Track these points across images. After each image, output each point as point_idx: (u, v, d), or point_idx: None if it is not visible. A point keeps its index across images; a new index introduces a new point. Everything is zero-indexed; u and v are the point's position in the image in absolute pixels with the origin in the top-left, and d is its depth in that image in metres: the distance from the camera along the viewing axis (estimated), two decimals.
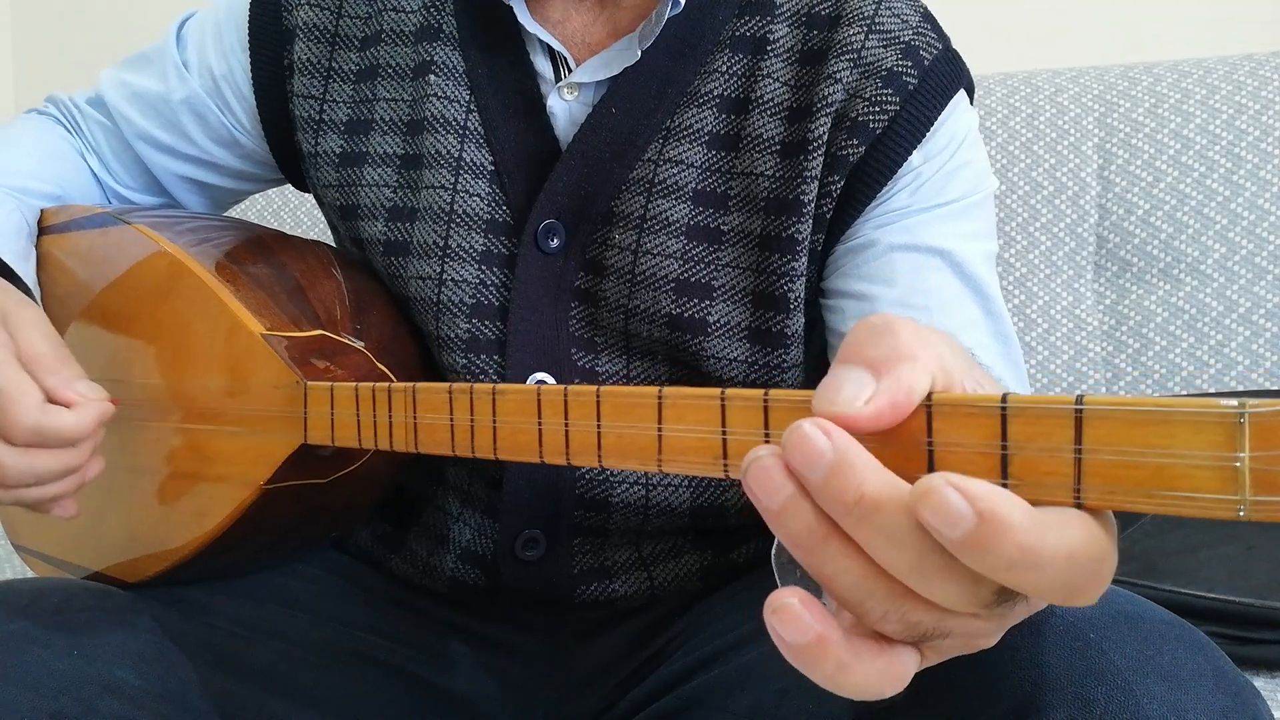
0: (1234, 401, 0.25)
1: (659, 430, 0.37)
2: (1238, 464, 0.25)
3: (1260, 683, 0.83)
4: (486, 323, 0.66)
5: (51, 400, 0.59)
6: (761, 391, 0.34)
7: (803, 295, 0.64)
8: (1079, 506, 0.28)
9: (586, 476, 0.66)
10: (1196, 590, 0.88)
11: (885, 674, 0.30)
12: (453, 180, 0.66)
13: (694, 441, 0.36)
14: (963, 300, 0.64)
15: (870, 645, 0.30)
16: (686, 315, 0.64)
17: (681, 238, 0.64)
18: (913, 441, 0.30)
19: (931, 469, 0.30)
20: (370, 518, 0.75)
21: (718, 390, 0.35)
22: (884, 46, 0.63)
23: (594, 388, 0.39)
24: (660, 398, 0.37)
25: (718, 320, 0.64)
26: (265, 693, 0.63)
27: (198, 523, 0.62)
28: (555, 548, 0.68)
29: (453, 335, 0.66)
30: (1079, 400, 0.28)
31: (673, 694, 0.65)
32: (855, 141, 0.62)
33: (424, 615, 0.73)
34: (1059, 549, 0.27)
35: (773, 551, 0.37)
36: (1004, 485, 0.28)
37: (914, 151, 0.63)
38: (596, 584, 0.69)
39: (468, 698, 0.70)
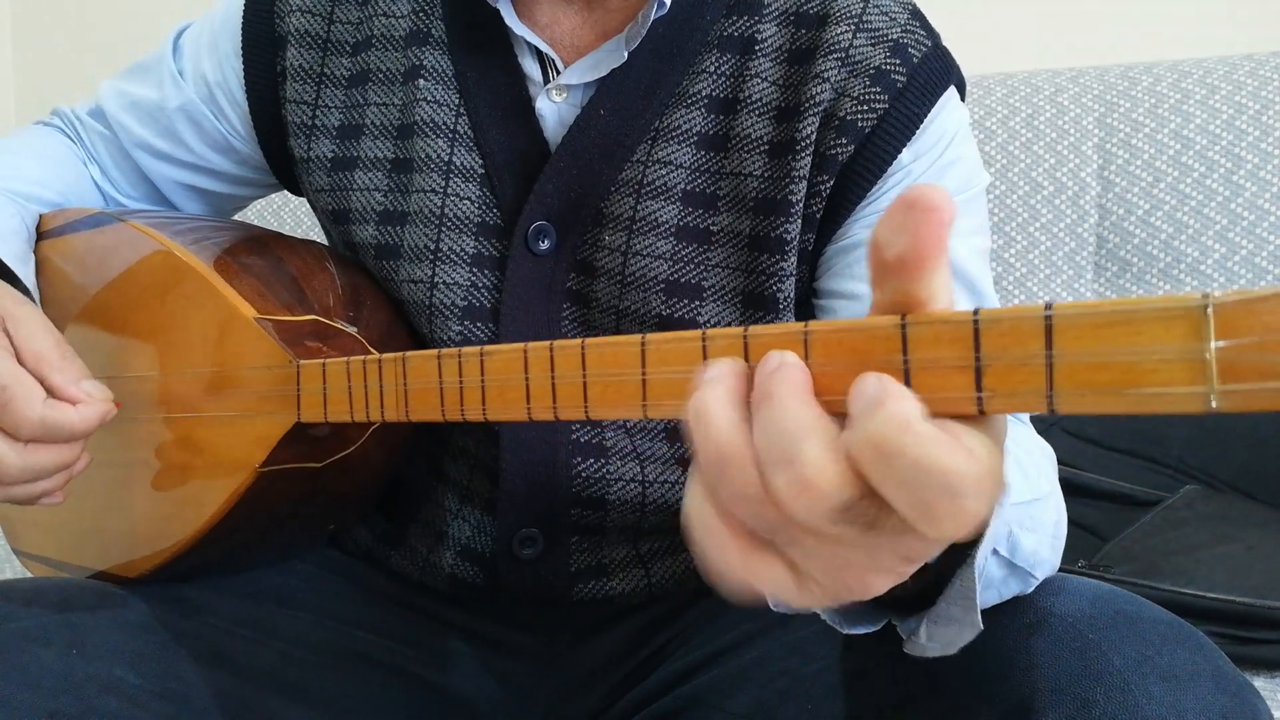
0: (1198, 294, 0.26)
1: (643, 375, 0.37)
2: (1206, 355, 0.25)
3: (1260, 683, 0.83)
4: (479, 325, 0.66)
5: (55, 397, 0.59)
6: (741, 329, 0.34)
7: (792, 295, 0.65)
8: (1052, 412, 0.28)
9: (583, 475, 0.66)
10: (1196, 590, 0.88)
11: (751, 558, 0.32)
12: (443, 184, 0.66)
13: (679, 382, 0.36)
14: (956, 297, 0.64)
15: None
16: (676, 316, 0.64)
17: (671, 238, 0.64)
18: (888, 360, 0.31)
19: (908, 386, 0.30)
20: (369, 514, 0.75)
21: (699, 331, 0.35)
22: (872, 45, 0.63)
23: (579, 340, 0.40)
24: (644, 343, 0.37)
25: (708, 320, 0.65)
26: (264, 691, 0.63)
27: (196, 512, 0.62)
28: (553, 546, 0.68)
29: (445, 338, 0.66)
30: (1049, 306, 0.28)
31: (672, 694, 0.65)
32: (844, 140, 0.62)
33: (423, 614, 0.73)
34: (914, 450, 0.28)
35: None
36: (979, 397, 0.29)
37: (904, 149, 0.62)
38: (594, 582, 0.69)
39: (466, 697, 0.70)
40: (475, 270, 0.66)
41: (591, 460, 0.66)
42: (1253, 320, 0.25)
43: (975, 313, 0.29)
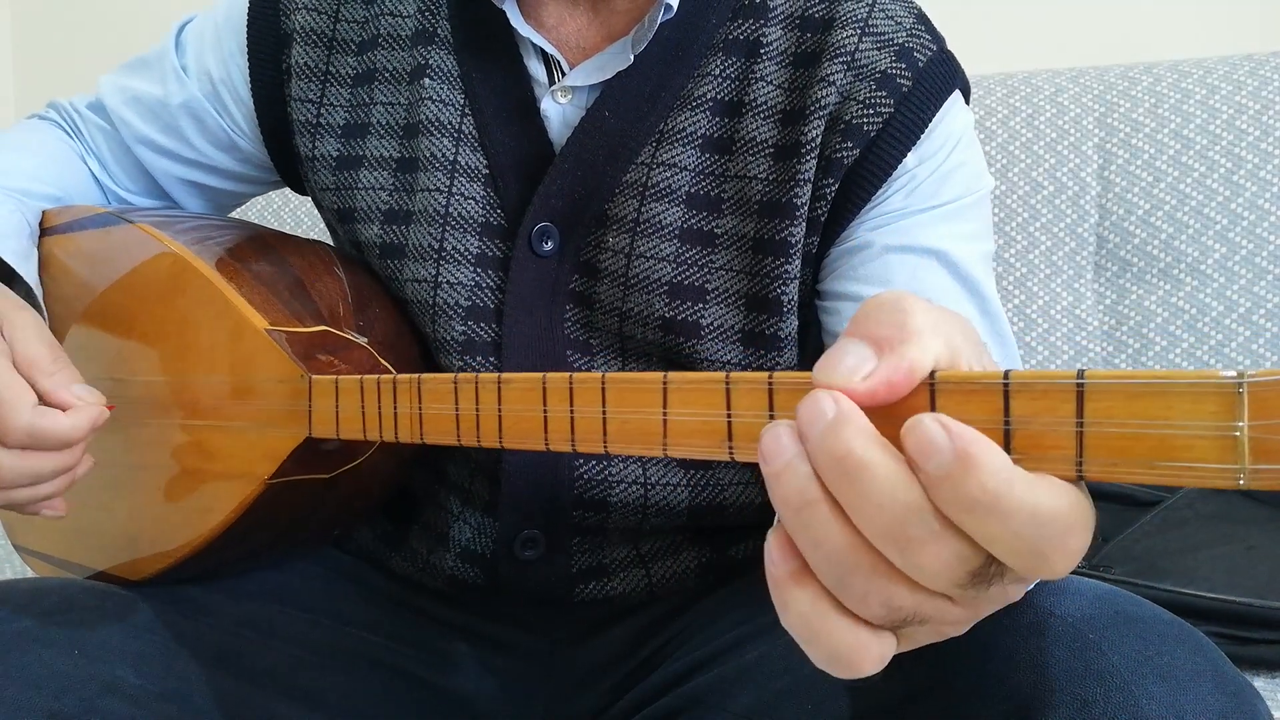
0: (1232, 372, 0.26)
1: (664, 415, 0.37)
2: (1237, 433, 0.26)
3: (1260, 683, 0.83)
4: (482, 325, 0.66)
5: (46, 403, 0.59)
6: (766, 374, 0.34)
7: (796, 298, 0.65)
8: (1080, 479, 0.28)
9: (585, 477, 0.66)
10: (1196, 590, 0.88)
11: (864, 643, 0.31)
12: (448, 183, 0.66)
13: (699, 425, 0.36)
14: (959, 301, 0.64)
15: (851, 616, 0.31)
16: (680, 318, 0.64)
17: (675, 241, 0.64)
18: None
19: None
20: (373, 517, 0.75)
21: (722, 375, 0.35)
22: (878, 49, 0.63)
23: (599, 374, 0.39)
24: (665, 383, 0.37)
25: (711, 323, 0.65)
26: (266, 692, 0.63)
27: (202, 519, 0.62)
28: (554, 548, 0.68)
29: (449, 337, 0.66)
30: (1080, 375, 0.28)
31: (672, 694, 0.65)
32: (849, 144, 0.62)
33: (424, 615, 0.73)
34: (1024, 502, 0.28)
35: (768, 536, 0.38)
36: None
37: (908, 153, 0.62)
38: (595, 583, 0.69)
39: (467, 697, 0.71)
40: (479, 270, 0.66)
41: (593, 462, 0.66)
42: None
43: (1006, 375, 0.29)
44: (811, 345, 0.68)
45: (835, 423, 0.30)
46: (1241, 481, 0.26)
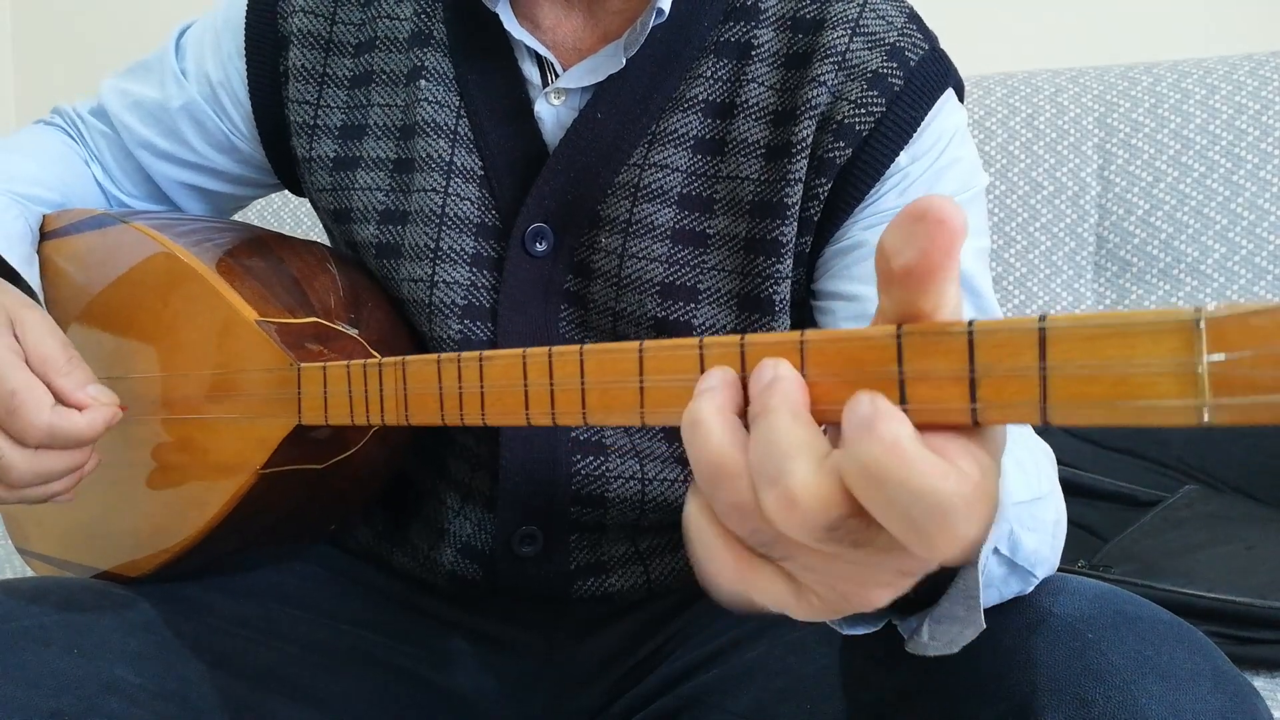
0: (1190, 307, 0.26)
1: (640, 383, 0.37)
2: (1199, 369, 0.26)
3: (1260, 683, 0.83)
4: (478, 324, 0.66)
5: (63, 403, 0.59)
6: (738, 337, 0.34)
7: (788, 298, 0.65)
8: (1046, 424, 0.28)
9: (583, 473, 0.66)
10: (1196, 590, 0.88)
11: (747, 570, 0.32)
12: (444, 184, 0.67)
13: (675, 391, 0.36)
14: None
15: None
16: (672, 318, 0.65)
17: (667, 241, 0.64)
18: (884, 371, 0.31)
19: (903, 399, 0.31)
20: (370, 513, 0.76)
21: (696, 340, 0.36)
22: (869, 48, 0.63)
23: (577, 346, 0.40)
24: (641, 350, 0.37)
25: (703, 323, 0.65)
26: (265, 691, 0.63)
27: (198, 512, 0.63)
28: (552, 544, 0.68)
29: (445, 336, 0.66)
30: (1042, 319, 0.28)
31: (671, 693, 0.65)
32: (841, 144, 0.62)
33: (423, 613, 0.73)
34: (909, 477, 0.28)
35: None
36: (973, 409, 0.29)
37: (901, 152, 0.63)
38: (593, 579, 0.69)
39: (466, 695, 0.71)
40: (474, 270, 0.66)
41: (591, 458, 0.66)
42: (1246, 334, 0.25)
43: (970, 324, 0.29)
44: None
45: (771, 380, 0.32)
46: (1206, 417, 0.25)
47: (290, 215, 1.42)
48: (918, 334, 0.30)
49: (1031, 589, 0.53)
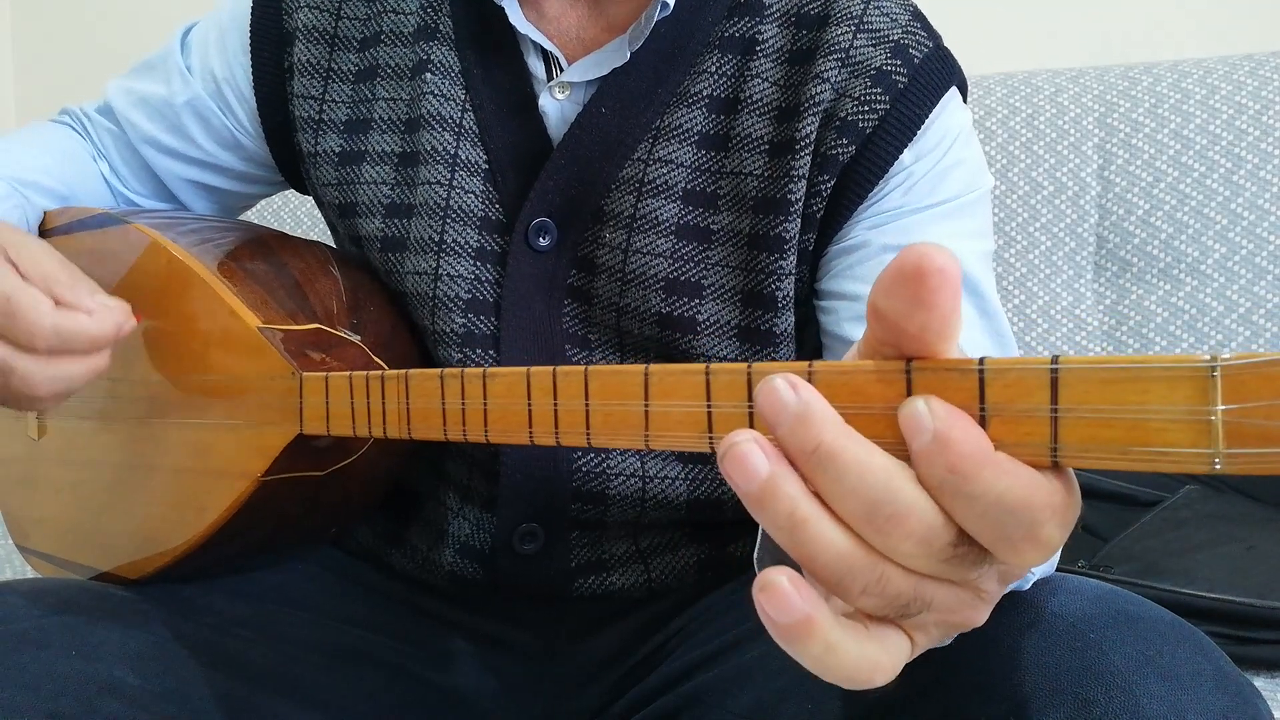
0: (1206, 356, 0.26)
1: (645, 407, 0.37)
2: (1212, 418, 0.25)
3: (1260, 683, 0.83)
4: (481, 318, 0.66)
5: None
6: (745, 365, 0.34)
7: (792, 294, 0.65)
8: (1055, 465, 0.28)
9: (583, 470, 0.66)
10: (1196, 590, 0.88)
11: (874, 658, 0.31)
12: (448, 176, 0.67)
13: (681, 416, 0.36)
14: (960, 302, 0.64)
15: (857, 627, 0.31)
16: (676, 314, 0.65)
17: (671, 237, 0.64)
18: (892, 405, 0.31)
19: None
20: (370, 515, 0.75)
21: (703, 365, 0.35)
22: (873, 45, 0.63)
23: (582, 368, 0.40)
24: (647, 374, 0.37)
25: (707, 319, 0.65)
26: (265, 692, 0.63)
27: (198, 517, 0.62)
28: (553, 541, 0.68)
29: (448, 330, 0.66)
30: (1055, 361, 0.28)
31: (672, 692, 0.65)
32: (845, 141, 0.62)
33: (423, 612, 0.73)
34: (992, 485, 0.28)
35: (754, 555, 0.37)
36: None
37: (905, 150, 0.62)
38: (594, 577, 0.69)
39: (467, 695, 0.71)
40: (479, 263, 0.67)
41: (591, 455, 0.66)
42: (1261, 384, 0.25)
43: (981, 362, 0.29)
44: (810, 343, 0.68)
45: (802, 415, 0.30)
46: (1217, 465, 0.26)
47: (291, 215, 1.42)
48: (929, 370, 0.30)
49: (1029, 585, 0.53)
